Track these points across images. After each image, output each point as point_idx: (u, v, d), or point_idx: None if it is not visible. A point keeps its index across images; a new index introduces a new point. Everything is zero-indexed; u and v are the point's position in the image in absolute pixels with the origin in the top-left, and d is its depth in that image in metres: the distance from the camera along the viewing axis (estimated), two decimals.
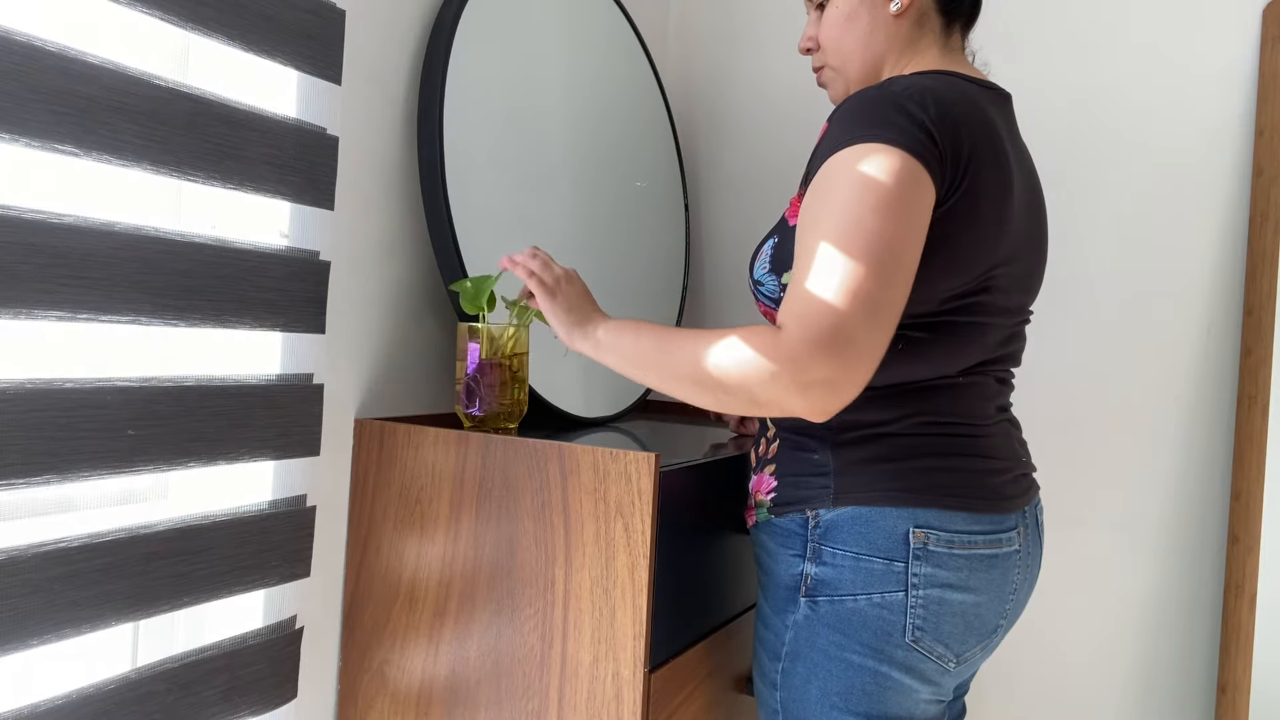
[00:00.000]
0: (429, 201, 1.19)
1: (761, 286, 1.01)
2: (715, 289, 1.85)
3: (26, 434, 0.79)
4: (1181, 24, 1.51)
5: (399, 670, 1.12)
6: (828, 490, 0.96)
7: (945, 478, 0.94)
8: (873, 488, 0.94)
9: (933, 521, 0.93)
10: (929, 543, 0.92)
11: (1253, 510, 1.40)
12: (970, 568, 0.94)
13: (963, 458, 0.96)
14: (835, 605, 0.94)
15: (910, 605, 0.92)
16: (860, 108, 0.89)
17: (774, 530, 1.01)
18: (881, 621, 0.93)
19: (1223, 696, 1.44)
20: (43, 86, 0.78)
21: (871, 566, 0.93)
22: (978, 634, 0.96)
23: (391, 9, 1.20)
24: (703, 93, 1.88)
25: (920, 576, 0.92)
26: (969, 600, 0.94)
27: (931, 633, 0.93)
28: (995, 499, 0.96)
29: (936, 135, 0.87)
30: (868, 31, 1.03)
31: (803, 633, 0.96)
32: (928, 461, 0.95)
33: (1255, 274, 1.45)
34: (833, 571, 0.95)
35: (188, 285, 0.92)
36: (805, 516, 0.98)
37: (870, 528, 0.94)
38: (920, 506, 0.93)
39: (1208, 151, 1.50)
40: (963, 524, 0.93)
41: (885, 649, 0.93)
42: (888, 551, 0.93)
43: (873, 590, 0.93)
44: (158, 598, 0.91)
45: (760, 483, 1.05)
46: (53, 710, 0.82)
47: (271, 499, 1.06)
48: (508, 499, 1.05)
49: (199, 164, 0.92)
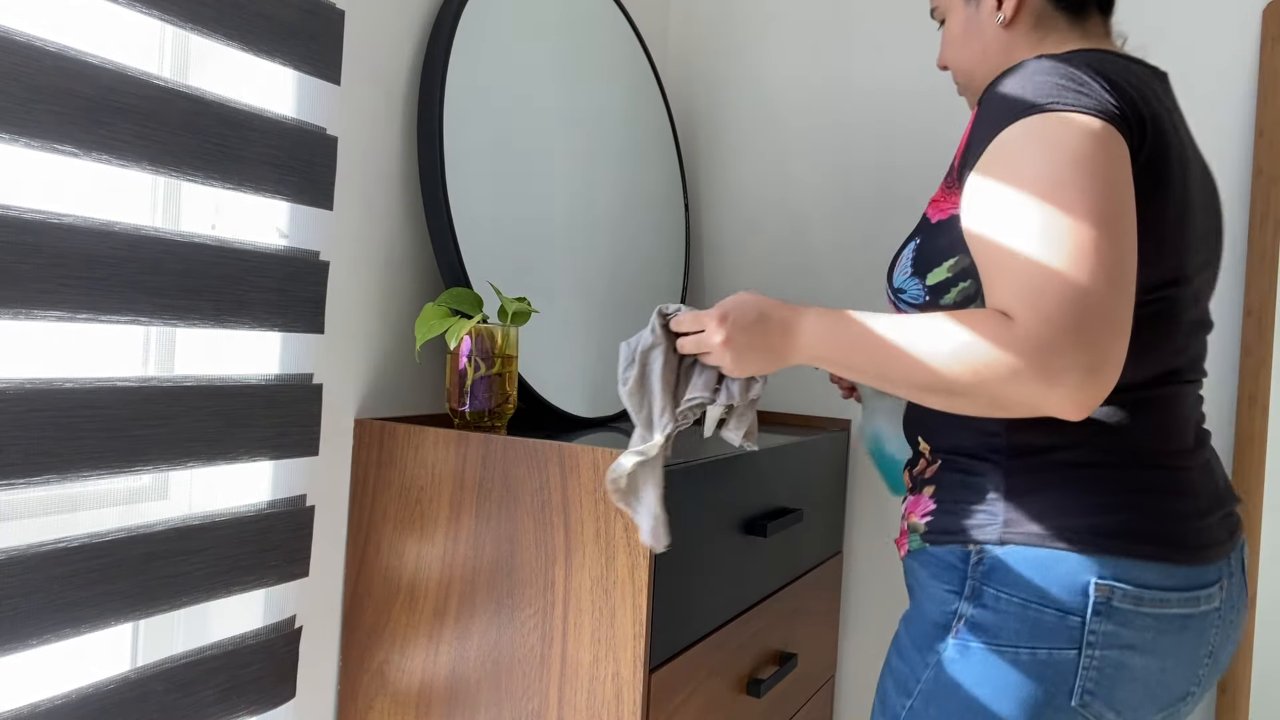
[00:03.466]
0: (429, 201, 1.19)
1: (903, 294, 0.93)
2: (715, 289, 1.85)
3: (26, 434, 0.79)
4: (1181, 24, 1.51)
5: (399, 670, 1.12)
6: (995, 522, 0.85)
7: (1137, 520, 0.82)
8: (1050, 525, 0.82)
9: (1120, 574, 0.80)
10: (1113, 598, 0.80)
11: (1253, 510, 1.40)
12: (1159, 629, 0.81)
13: (1159, 495, 0.83)
14: (991, 654, 0.83)
15: (1083, 666, 0.80)
16: (1025, 80, 0.81)
17: (928, 560, 0.91)
18: (1045, 680, 0.81)
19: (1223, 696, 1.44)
20: (43, 86, 0.78)
21: (1041, 617, 0.81)
22: (1158, 702, 0.84)
23: (391, 9, 1.20)
24: (703, 93, 1.88)
25: (1099, 635, 0.80)
26: (1153, 665, 0.82)
27: (1103, 698, 0.81)
28: (1196, 548, 0.82)
29: (1116, 100, 0.79)
30: (980, 47, 1.00)
31: (945, 676, 0.86)
32: (1117, 499, 0.82)
33: (1255, 274, 1.45)
34: (993, 616, 0.83)
35: (187, 285, 0.92)
36: (967, 550, 0.87)
37: (1044, 572, 0.82)
38: (1106, 554, 0.80)
39: (1208, 151, 1.50)
40: (1155, 578, 0.81)
41: (1043, 712, 0.81)
42: (1062, 603, 0.81)
43: (1039, 644, 0.81)
44: (157, 597, 0.91)
45: (916, 505, 0.95)
46: (53, 710, 0.82)
47: (271, 499, 1.06)
48: (508, 499, 1.05)
49: (198, 164, 0.92)
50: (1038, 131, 0.78)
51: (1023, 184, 0.77)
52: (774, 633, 1.33)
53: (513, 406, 1.16)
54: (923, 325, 0.79)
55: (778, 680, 1.28)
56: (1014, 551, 0.84)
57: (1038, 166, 0.76)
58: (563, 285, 1.39)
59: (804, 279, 1.75)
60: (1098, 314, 0.72)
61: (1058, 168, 0.75)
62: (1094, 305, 0.72)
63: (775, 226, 1.80)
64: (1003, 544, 0.84)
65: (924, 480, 0.95)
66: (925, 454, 0.96)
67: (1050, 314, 0.72)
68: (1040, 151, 0.77)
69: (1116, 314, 0.73)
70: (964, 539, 0.87)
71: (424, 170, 1.19)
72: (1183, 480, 0.84)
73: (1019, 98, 0.80)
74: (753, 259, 1.82)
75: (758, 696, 1.23)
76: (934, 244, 0.90)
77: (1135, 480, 0.83)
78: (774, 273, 1.80)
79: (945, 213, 0.90)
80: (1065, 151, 0.76)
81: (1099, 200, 0.74)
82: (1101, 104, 0.78)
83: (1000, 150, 0.80)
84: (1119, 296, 0.73)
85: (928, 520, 0.92)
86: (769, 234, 1.80)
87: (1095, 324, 0.72)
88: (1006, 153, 0.79)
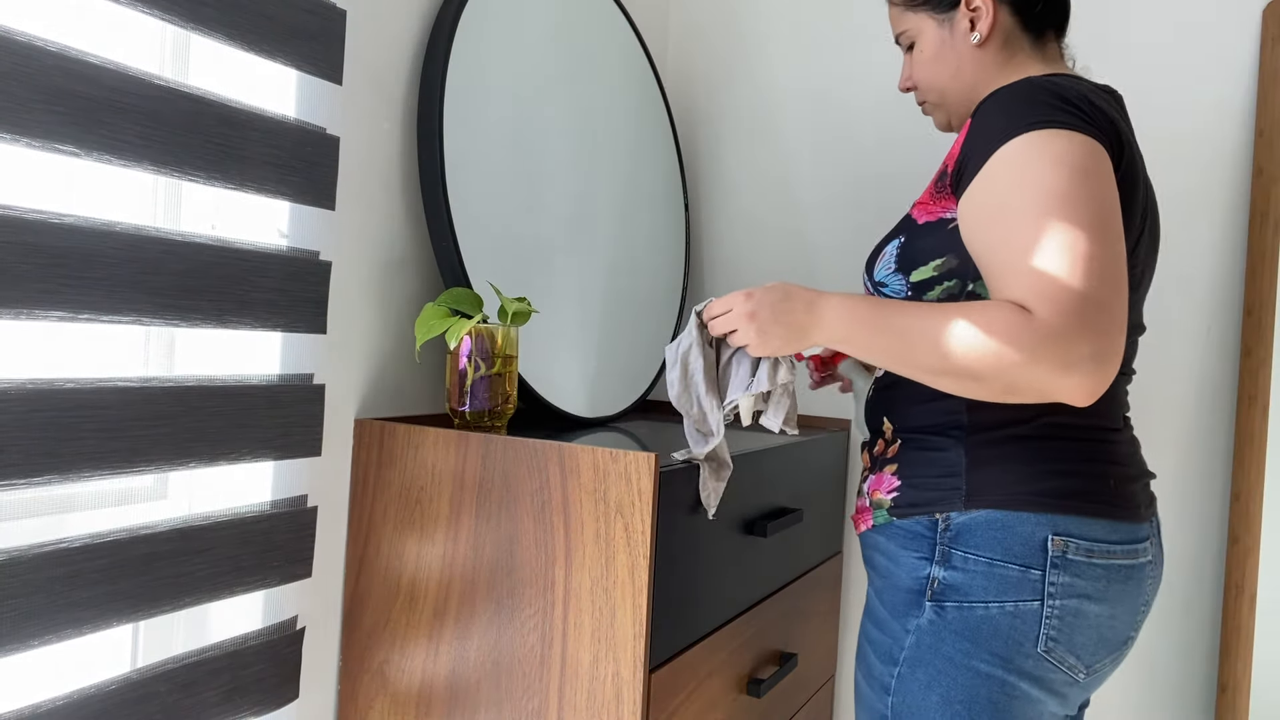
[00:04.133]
0: (429, 201, 1.19)
1: (885, 288, 0.99)
2: (715, 289, 1.85)
3: (27, 434, 0.79)
4: (1181, 24, 1.51)
5: (399, 670, 1.12)
6: (959, 492, 0.93)
7: (1084, 483, 0.91)
8: (1008, 491, 0.91)
9: (1072, 529, 0.90)
10: (1068, 551, 0.89)
11: (1253, 510, 1.40)
12: (1108, 578, 0.91)
13: (1100, 464, 0.93)
14: (964, 611, 0.91)
15: (1045, 615, 0.89)
16: (1016, 101, 0.88)
17: (895, 532, 0.98)
18: (1013, 630, 0.90)
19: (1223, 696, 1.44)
20: (43, 86, 0.78)
21: (1006, 573, 0.90)
22: (1109, 646, 0.93)
23: (391, 9, 1.20)
24: (703, 93, 1.88)
25: (1058, 585, 0.89)
26: (1104, 611, 0.91)
27: (1065, 643, 0.90)
28: (1132, 507, 0.93)
29: (1101, 121, 0.87)
30: (955, 67, 1.05)
31: (926, 638, 0.93)
32: (1066, 465, 0.92)
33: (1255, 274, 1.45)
34: (963, 576, 0.92)
35: (188, 285, 0.92)
36: (934, 519, 0.94)
37: (1006, 533, 0.90)
38: (1059, 513, 0.90)
39: (1208, 151, 1.50)
40: (1102, 533, 0.90)
41: (1015, 659, 0.90)
42: (1024, 558, 0.89)
43: (1006, 598, 0.90)
44: (158, 598, 0.91)
45: (879, 483, 1.02)
46: (53, 710, 0.82)
47: (272, 499, 1.06)
48: (508, 499, 1.05)
49: (199, 164, 0.92)
50: (1035, 146, 0.85)
51: (1028, 193, 0.83)
52: (774, 633, 1.33)
53: (513, 406, 1.16)
54: (945, 313, 0.85)
55: (778, 680, 1.28)
56: (978, 516, 0.92)
57: (1037, 178, 0.83)
58: (563, 285, 1.40)
59: (804, 279, 1.75)
60: (1105, 311, 0.79)
61: (1061, 180, 0.82)
62: (1101, 303, 0.79)
63: (775, 226, 1.80)
64: (967, 510, 0.92)
65: (885, 460, 1.02)
66: (886, 435, 1.03)
67: (1065, 308, 0.78)
68: (1040, 167, 0.84)
69: (1117, 312, 0.80)
70: (931, 509, 0.95)
71: (424, 170, 1.19)
72: (1118, 451, 0.95)
73: (1015, 115, 0.87)
74: (753, 258, 1.82)
75: (758, 696, 1.23)
76: (920, 244, 0.96)
77: (1080, 451, 0.93)
78: (774, 273, 1.80)
79: (934, 215, 0.97)
80: (1066, 165, 0.83)
81: (1099, 211, 0.82)
82: (1090, 124, 0.86)
83: (1003, 164, 0.86)
84: (1118, 293, 0.81)
85: (894, 496, 0.99)
86: (769, 234, 1.80)
87: (1103, 319, 0.79)
88: (1009, 167, 0.86)
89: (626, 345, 1.54)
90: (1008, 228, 0.84)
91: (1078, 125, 0.85)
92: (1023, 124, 0.86)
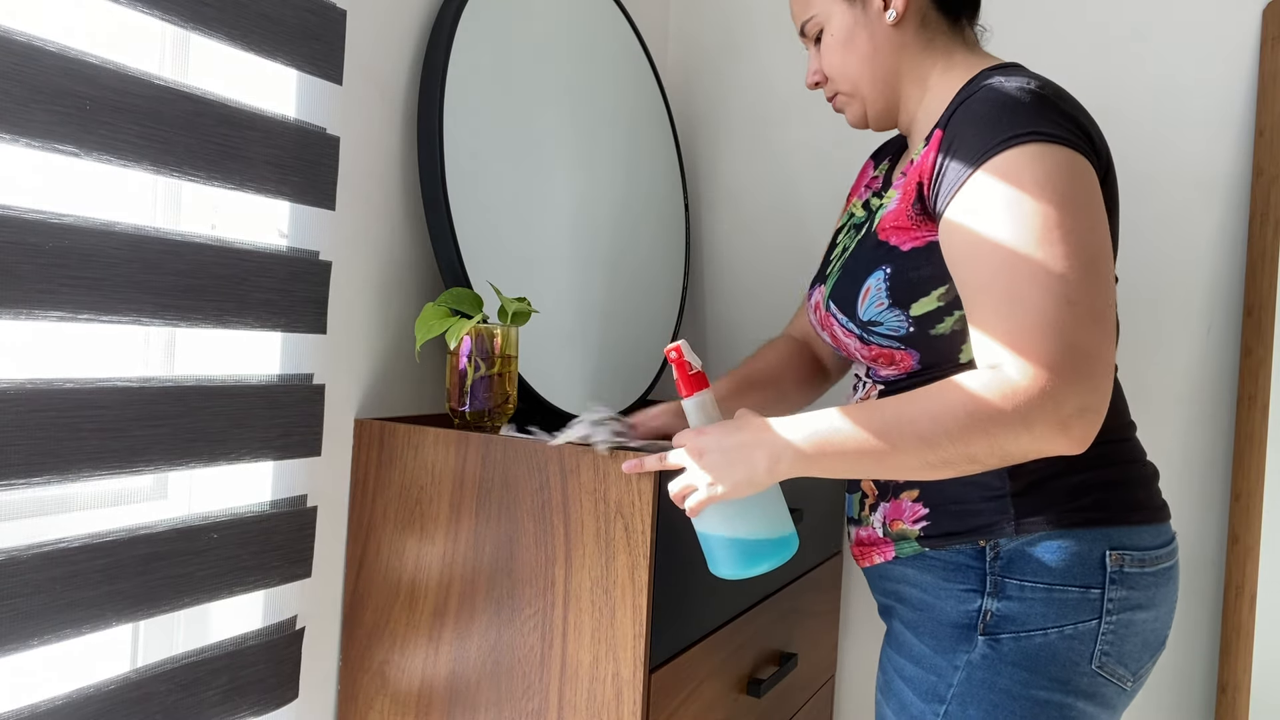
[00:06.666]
0: (429, 201, 1.19)
1: (879, 327, 0.91)
2: (715, 289, 1.85)
3: (27, 434, 0.79)
4: (1181, 24, 1.51)
5: (399, 670, 1.12)
6: (1007, 516, 0.87)
7: (1125, 492, 0.88)
8: (1060, 509, 0.87)
9: (1125, 541, 0.86)
10: (1124, 564, 0.86)
11: (1253, 510, 1.40)
12: (1156, 584, 0.88)
13: (1132, 465, 0.90)
14: (1021, 641, 0.86)
15: (1102, 632, 0.86)
16: (995, 109, 0.82)
17: (930, 564, 0.92)
18: (1070, 652, 0.86)
19: (1223, 696, 1.44)
20: (43, 86, 0.78)
21: (1065, 596, 0.86)
22: (1152, 648, 0.91)
23: (391, 9, 1.20)
24: (703, 93, 1.88)
25: (1115, 601, 0.86)
26: (1150, 617, 0.88)
27: (1115, 656, 0.87)
28: (1163, 507, 0.91)
29: (1086, 129, 0.82)
30: (870, 49, 0.97)
31: (979, 673, 0.88)
32: (1106, 473, 0.88)
33: (1255, 274, 1.45)
34: (1020, 606, 0.87)
35: (188, 285, 0.92)
36: (979, 548, 0.89)
37: (1065, 555, 0.86)
38: (1111, 525, 0.86)
39: (1208, 151, 1.50)
40: (1150, 539, 0.88)
41: (1071, 680, 0.86)
42: (1083, 579, 0.86)
43: (1065, 621, 0.86)
44: (158, 598, 0.91)
45: (898, 511, 0.95)
46: (53, 710, 0.82)
47: (272, 499, 1.06)
48: (508, 499, 1.05)
49: (199, 164, 0.92)
50: (1019, 167, 0.78)
51: (1012, 225, 0.77)
52: (774, 633, 1.33)
53: (513, 406, 1.16)
54: (920, 402, 0.78)
55: (778, 680, 1.28)
56: (1030, 541, 0.87)
57: (1023, 207, 0.77)
58: (563, 285, 1.40)
59: (803, 279, 1.75)
60: (1093, 358, 0.74)
61: (1044, 211, 0.77)
62: (1089, 351, 0.74)
63: (775, 226, 1.80)
64: (1019, 536, 0.87)
65: (899, 486, 0.95)
66: None
67: (1053, 363, 0.74)
68: (1024, 193, 0.78)
69: (1106, 353, 0.76)
70: (974, 537, 0.89)
71: (424, 170, 1.19)
72: (1137, 448, 0.93)
73: (994, 128, 0.80)
74: (752, 259, 1.82)
75: (757, 697, 1.23)
76: (915, 273, 0.89)
77: (1114, 454, 0.89)
78: (773, 273, 1.80)
79: (921, 240, 0.89)
80: (1052, 193, 0.77)
81: (1087, 240, 0.76)
82: (1075, 136, 0.80)
83: (985, 189, 0.80)
84: (1105, 337, 0.76)
85: (923, 525, 0.92)
86: (769, 234, 1.80)
87: (1093, 368, 0.74)
88: (991, 192, 0.79)
89: (626, 345, 1.54)
90: (992, 268, 0.78)
91: (1064, 137, 0.79)
92: (1004, 138, 0.79)
